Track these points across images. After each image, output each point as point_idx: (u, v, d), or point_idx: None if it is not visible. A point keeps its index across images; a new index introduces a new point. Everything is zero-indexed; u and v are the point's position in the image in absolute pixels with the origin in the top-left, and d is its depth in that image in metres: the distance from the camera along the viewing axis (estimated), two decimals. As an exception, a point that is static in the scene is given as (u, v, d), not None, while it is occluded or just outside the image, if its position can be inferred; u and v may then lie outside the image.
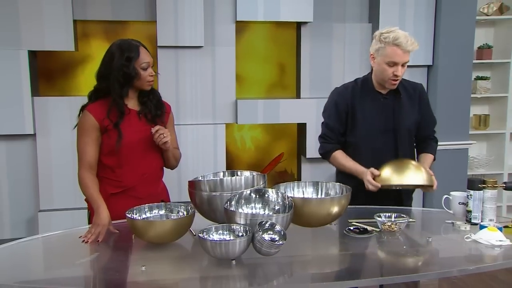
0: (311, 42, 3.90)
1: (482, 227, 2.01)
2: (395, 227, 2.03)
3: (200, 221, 1.98)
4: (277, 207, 1.94)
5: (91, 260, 1.87)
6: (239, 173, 2.21)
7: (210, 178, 2.14)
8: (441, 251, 1.95)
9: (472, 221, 2.12)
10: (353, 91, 2.45)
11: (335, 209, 1.96)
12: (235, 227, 1.78)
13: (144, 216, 1.98)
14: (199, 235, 1.73)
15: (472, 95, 4.10)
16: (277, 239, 1.74)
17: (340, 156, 2.45)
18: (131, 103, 2.22)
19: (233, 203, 1.90)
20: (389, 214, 2.12)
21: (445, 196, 2.28)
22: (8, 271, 1.77)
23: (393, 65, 2.27)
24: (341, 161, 2.44)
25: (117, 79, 2.13)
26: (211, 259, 1.72)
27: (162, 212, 2.02)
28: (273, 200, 1.95)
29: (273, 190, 1.98)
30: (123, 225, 2.03)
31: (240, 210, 1.90)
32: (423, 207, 3.80)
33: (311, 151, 3.88)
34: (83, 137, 2.16)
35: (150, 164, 2.25)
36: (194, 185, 2.01)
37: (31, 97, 3.48)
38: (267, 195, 1.96)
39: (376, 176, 2.25)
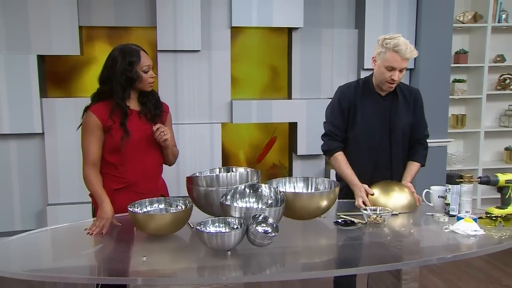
0: (302, 46, 3.89)
1: (459, 219, 2.02)
2: (380, 220, 2.02)
3: (197, 215, 1.98)
4: (270, 201, 1.93)
5: (95, 250, 1.87)
6: (234, 169, 2.19)
7: (206, 174, 2.14)
8: (422, 241, 1.96)
9: (450, 213, 2.13)
10: (355, 90, 2.41)
11: (324, 203, 1.95)
12: (230, 220, 1.78)
13: (145, 210, 1.97)
14: (197, 227, 1.72)
15: (450, 97, 4.13)
16: (270, 231, 1.74)
17: (340, 159, 2.39)
18: (132, 104, 2.20)
19: (229, 197, 1.89)
20: (375, 207, 2.12)
21: (426, 190, 2.28)
22: (18, 260, 1.79)
23: (391, 69, 2.23)
24: (340, 165, 2.38)
25: (119, 83, 2.11)
26: (207, 250, 1.72)
27: (162, 206, 2.01)
28: (266, 194, 1.95)
29: (266, 185, 1.97)
30: (126, 218, 2.02)
31: (235, 204, 1.89)
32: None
33: (302, 149, 3.87)
34: (87, 136, 2.13)
35: (150, 161, 2.23)
36: (191, 181, 2.00)
37: (39, 98, 3.48)
38: (260, 190, 1.95)
39: (369, 194, 2.23)
